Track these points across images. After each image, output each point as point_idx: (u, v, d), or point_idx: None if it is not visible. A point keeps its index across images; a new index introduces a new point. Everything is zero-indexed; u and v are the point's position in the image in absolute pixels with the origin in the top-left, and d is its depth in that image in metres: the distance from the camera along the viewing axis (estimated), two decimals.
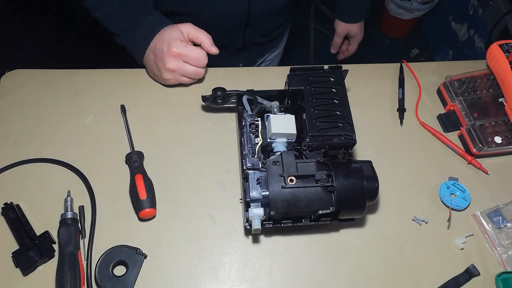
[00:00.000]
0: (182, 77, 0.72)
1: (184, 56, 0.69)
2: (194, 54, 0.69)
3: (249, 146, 0.60)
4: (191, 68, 0.71)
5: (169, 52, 0.68)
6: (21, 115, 0.72)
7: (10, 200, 0.63)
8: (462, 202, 0.67)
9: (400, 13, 1.93)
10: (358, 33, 1.08)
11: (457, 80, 0.77)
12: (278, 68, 0.80)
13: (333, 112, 0.60)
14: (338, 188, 0.53)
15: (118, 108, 0.73)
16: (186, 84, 0.75)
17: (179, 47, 0.68)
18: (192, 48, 0.70)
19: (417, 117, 0.76)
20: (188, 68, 0.71)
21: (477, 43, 1.68)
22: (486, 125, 0.72)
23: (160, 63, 0.70)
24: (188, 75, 0.72)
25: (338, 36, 1.09)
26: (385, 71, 0.82)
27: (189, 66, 0.71)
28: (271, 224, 0.57)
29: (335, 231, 0.65)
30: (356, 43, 1.12)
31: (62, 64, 0.82)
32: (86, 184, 0.66)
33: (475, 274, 0.62)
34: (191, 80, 0.74)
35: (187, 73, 0.72)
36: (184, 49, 0.69)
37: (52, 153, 0.68)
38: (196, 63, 0.71)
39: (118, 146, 0.69)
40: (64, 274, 0.56)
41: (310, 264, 0.62)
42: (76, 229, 0.60)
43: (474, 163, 0.71)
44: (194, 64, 0.71)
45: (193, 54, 0.69)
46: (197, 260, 0.61)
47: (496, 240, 0.65)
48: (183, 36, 0.70)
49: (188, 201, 0.66)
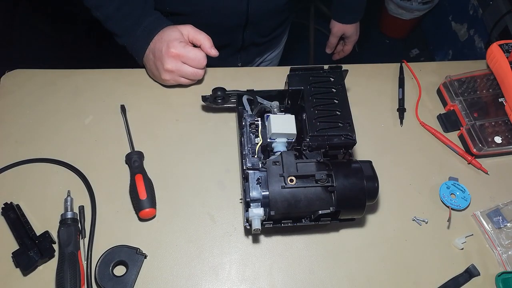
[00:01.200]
0: (180, 78, 0.72)
1: (182, 57, 0.69)
2: (192, 55, 0.69)
3: (249, 146, 0.60)
4: (190, 69, 0.71)
5: (167, 53, 0.68)
6: (21, 115, 0.72)
7: (10, 200, 0.63)
8: (462, 202, 0.67)
9: (400, 13, 1.93)
10: (353, 33, 1.08)
11: (457, 80, 0.77)
12: (278, 68, 0.80)
13: (333, 112, 0.60)
14: (338, 188, 0.53)
15: (118, 108, 0.73)
16: (185, 85, 0.75)
17: (178, 48, 0.68)
18: (191, 49, 0.69)
19: (417, 117, 0.76)
20: (186, 69, 0.71)
21: (477, 43, 1.68)
22: (486, 125, 0.72)
23: (159, 63, 0.70)
24: (186, 76, 0.72)
25: (334, 36, 1.09)
26: (385, 71, 0.82)
27: (188, 67, 0.71)
28: (271, 224, 0.57)
29: (335, 231, 0.65)
30: (351, 44, 1.12)
31: (62, 64, 0.82)
32: (86, 184, 0.66)
33: (475, 274, 0.62)
34: (190, 81, 0.74)
35: (186, 74, 0.72)
36: (183, 50, 0.69)
37: (52, 153, 0.68)
38: (194, 64, 0.71)
39: (118, 146, 0.69)
40: (64, 274, 0.56)
41: (310, 264, 0.62)
42: (76, 229, 0.60)
43: (474, 163, 0.71)
44: (193, 65, 0.71)
45: (192, 55, 0.69)
46: (197, 260, 0.61)
47: (496, 240, 0.65)
48: (183, 37, 0.70)
49: (188, 201, 0.66)
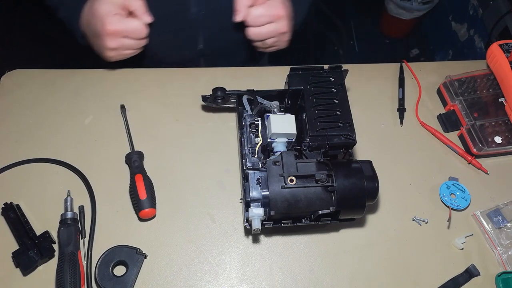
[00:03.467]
0: (125, 51, 0.69)
1: (122, 32, 0.65)
2: (131, 27, 0.65)
3: (249, 146, 0.60)
4: (133, 42, 0.67)
5: (104, 31, 0.64)
6: (21, 115, 0.72)
7: (10, 200, 0.63)
8: (462, 202, 0.67)
9: (400, 13, 1.93)
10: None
11: (457, 80, 0.77)
12: (278, 68, 0.80)
13: (333, 112, 0.60)
14: (338, 188, 0.53)
15: (118, 108, 0.73)
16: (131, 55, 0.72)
17: (115, 23, 0.64)
18: (128, 22, 0.65)
19: (417, 117, 0.76)
20: (129, 42, 0.67)
21: (477, 43, 1.67)
22: (486, 125, 0.72)
23: (99, 43, 0.66)
24: (132, 48, 0.69)
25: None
26: (385, 71, 0.82)
27: (130, 40, 0.67)
28: (271, 224, 0.57)
29: (335, 231, 0.65)
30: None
31: (62, 64, 0.82)
32: (86, 184, 0.66)
33: (475, 274, 0.62)
34: (135, 51, 0.71)
35: (130, 47, 0.68)
36: (121, 25, 0.64)
37: (52, 153, 0.68)
38: (136, 36, 0.67)
39: (118, 146, 0.69)
40: (64, 274, 0.56)
41: (310, 264, 0.62)
42: (76, 229, 0.60)
43: (474, 163, 0.71)
44: (134, 37, 0.67)
45: (131, 27, 0.65)
46: (197, 260, 0.61)
47: (496, 240, 0.65)
48: (115, 7, 0.64)
49: (188, 201, 0.66)
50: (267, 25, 0.67)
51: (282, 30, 0.68)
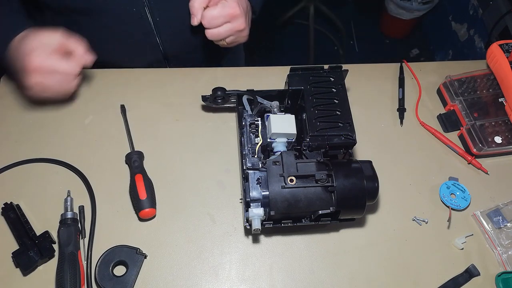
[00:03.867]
0: (47, 91, 0.64)
1: (46, 69, 0.60)
2: (59, 67, 0.61)
3: (249, 146, 0.60)
4: (56, 82, 0.62)
5: (28, 66, 0.59)
6: (21, 115, 0.72)
7: (10, 200, 0.63)
8: (462, 202, 0.67)
9: (400, 13, 1.93)
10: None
11: (457, 80, 0.77)
12: (278, 68, 0.80)
13: (333, 112, 0.60)
14: (338, 188, 0.53)
15: (118, 108, 0.73)
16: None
17: (39, 59, 0.59)
18: (57, 60, 0.61)
19: (417, 117, 0.76)
20: (52, 82, 0.62)
21: (477, 43, 1.68)
22: (486, 125, 0.72)
23: (20, 77, 0.62)
24: (55, 88, 0.64)
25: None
26: (385, 71, 0.82)
27: (54, 79, 0.62)
28: (271, 224, 0.57)
29: (335, 231, 0.65)
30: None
31: None
32: (86, 184, 0.66)
33: (475, 274, 0.62)
34: (61, 93, 0.66)
35: (54, 87, 0.63)
36: (47, 62, 0.60)
37: (52, 153, 0.68)
38: (62, 76, 0.62)
39: (118, 146, 0.69)
40: (64, 274, 0.56)
41: (310, 264, 0.62)
42: (76, 229, 0.60)
43: (474, 163, 0.71)
44: (61, 77, 0.62)
45: (58, 66, 0.61)
46: (197, 260, 0.61)
47: (496, 240, 0.65)
48: (47, 46, 0.60)
49: (188, 201, 0.66)
50: (224, 25, 0.66)
51: (239, 28, 0.67)
